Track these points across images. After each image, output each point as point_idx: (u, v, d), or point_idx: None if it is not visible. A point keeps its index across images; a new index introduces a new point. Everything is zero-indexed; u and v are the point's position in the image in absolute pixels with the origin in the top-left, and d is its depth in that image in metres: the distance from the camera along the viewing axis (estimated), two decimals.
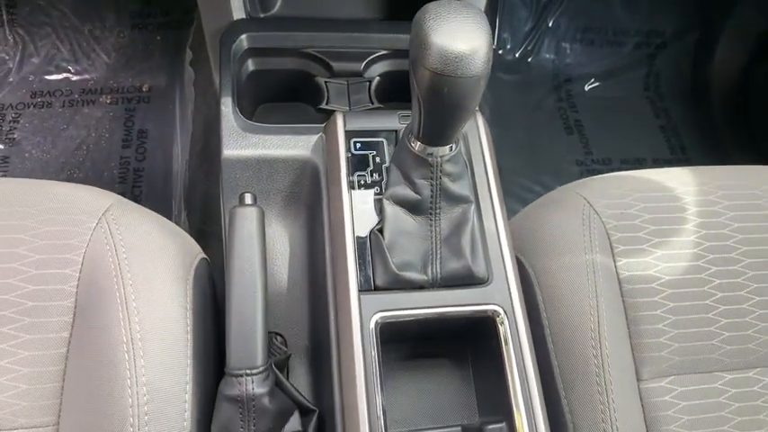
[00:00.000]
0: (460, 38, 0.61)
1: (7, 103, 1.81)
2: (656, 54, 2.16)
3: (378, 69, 1.09)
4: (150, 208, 0.90)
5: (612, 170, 1.94)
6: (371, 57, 1.08)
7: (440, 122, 0.70)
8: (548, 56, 2.12)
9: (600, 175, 1.01)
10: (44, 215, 0.80)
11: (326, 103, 1.04)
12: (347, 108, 1.02)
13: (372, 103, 1.04)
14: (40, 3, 1.86)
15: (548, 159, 1.96)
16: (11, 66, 1.85)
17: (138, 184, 1.72)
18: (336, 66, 1.07)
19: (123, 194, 0.90)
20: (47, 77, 1.86)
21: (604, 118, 2.06)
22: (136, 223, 0.83)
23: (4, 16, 1.86)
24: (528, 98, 2.06)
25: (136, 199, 1.67)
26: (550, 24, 2.11)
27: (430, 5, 0.63)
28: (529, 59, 2.11)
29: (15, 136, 1.76)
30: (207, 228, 1.46)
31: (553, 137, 2.02)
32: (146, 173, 1.73)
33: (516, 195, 1.83)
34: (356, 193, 0.85)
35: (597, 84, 2.13)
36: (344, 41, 1.08)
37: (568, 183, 1.01)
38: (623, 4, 2.13)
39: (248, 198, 0.82)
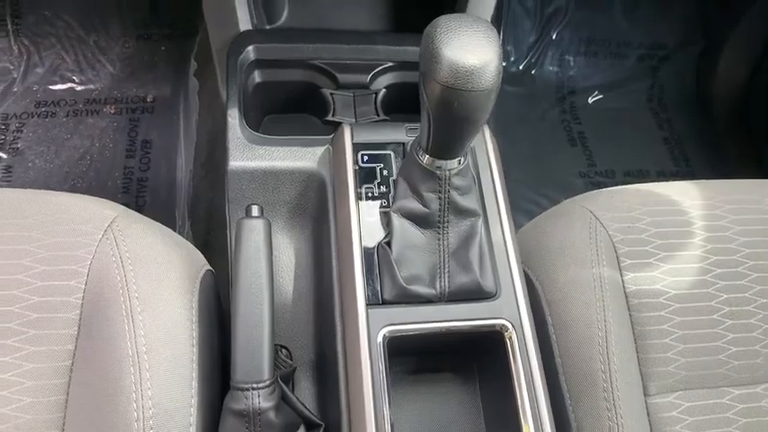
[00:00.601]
0: (471, 51, 0.60)
1: (11, 112, 1.80)
2: (659, 66, 2.16)
3: (384, 81, 1.09)
4: (154, 218, 0.89)
5: (616, 182, 1.95)
6: (377, 69, 1.08)
7: (449, 136, 0.70)
8: (551, 68, 2.12)
9: (606, 189, 1.00)
10: (49, 226, 0.80)
11: (332, 115, 1.04)
12: (353, 120, 1.02)
13: (378, 115, 1.04)
14: (46, 13, 1.86)
15: (551, 171, 1.95)
16: (15, 76, 1.85)
17: (141, 195, 1.72)
18: (342, 77, 1.07)
19: (127, 205, 0.90)
20: (51, 87, 1.86)
21: (608, 130, 2.05)
22: (141, 234, 0.83)
23: (9, 26, 1.86)
24: (532, 110, 2.06)
25: (139, 209, 1.67)
26: (554, 37, 2.11)
27: (441, 19, 0.63)
28: (533, 72, 2.11)
29: (19, 146, 1.76)
30: (211, 239, 1.45)
31: (557, 149, 2.01)
32: (149, 183, 1.73)
33: (519, 207, 1.82)
34: (363, 204, 0.85)
35: (601, 96, 2.12)
36: (350, 53, 1.08)
37: (572, 195, 1.01)
38: (626, 16, 2.13)
39: (255, 210, 0.82)
